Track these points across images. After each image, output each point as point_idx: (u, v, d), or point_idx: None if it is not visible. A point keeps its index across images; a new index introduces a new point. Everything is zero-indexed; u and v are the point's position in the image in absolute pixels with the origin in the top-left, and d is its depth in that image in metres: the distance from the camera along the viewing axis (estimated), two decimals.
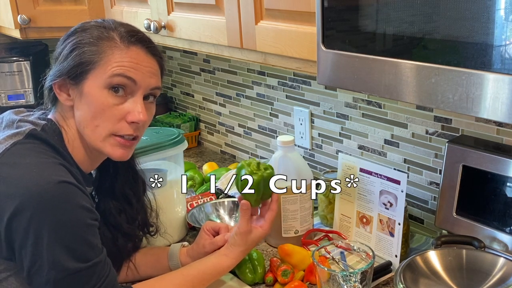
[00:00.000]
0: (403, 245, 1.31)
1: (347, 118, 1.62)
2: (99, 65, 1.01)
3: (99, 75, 1.01)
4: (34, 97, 2.37)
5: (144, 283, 1.14)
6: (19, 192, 0.90)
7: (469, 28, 0.78)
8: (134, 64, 1.02)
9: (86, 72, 1.01)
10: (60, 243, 0.92)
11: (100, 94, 1.01)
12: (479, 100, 0.79)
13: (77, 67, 1.01)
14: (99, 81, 1.01)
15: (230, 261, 1.20)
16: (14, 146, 0.95)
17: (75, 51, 1.02)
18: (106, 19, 1.09)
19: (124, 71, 1.01)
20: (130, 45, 1.03)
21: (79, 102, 1.03)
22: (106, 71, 1.00)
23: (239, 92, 2.04)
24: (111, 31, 1.04)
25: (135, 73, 1.02)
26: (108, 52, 1.01)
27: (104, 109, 1.01)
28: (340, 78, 1.01)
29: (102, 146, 1.04)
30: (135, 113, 1.02)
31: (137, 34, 1.05)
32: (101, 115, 1.01)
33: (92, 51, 1.01)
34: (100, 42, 1.02)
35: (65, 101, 1.04)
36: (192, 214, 1.52)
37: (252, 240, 1.20)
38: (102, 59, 1.01)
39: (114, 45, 1.02)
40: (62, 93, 1.04)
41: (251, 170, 1.19)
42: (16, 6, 1.93)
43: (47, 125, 1.03)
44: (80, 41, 1.02)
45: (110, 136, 1.03)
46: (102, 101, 1.01)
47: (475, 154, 1.22)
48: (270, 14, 1.24)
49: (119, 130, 1.03)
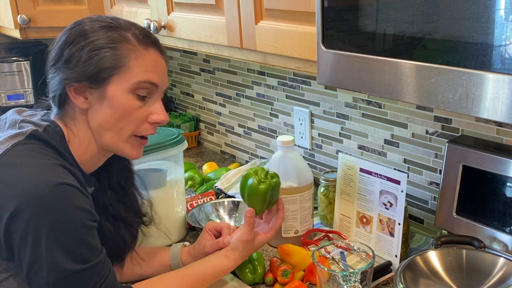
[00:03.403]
0: (403, 245, 1.31)
1: (347, 118, 1.62)
2: (123, 70, 1.01)
3: (124, 80, 1.01)
4: (34, 97, 2.37)
5: (144, 283, 1.14)
6: (18, 193, 0.90)
7: (469, 28, 0.78)
8: (154, 67, 1.05)
9: (109, 77, 1.01)
10: (59, 245, 0.91)
11: (125, 98, 1.02)
12: (479, 100, 0.79)
13: (99, 72, 1.00)
14: (123, 86, 1.02)
15: (230, 263, 1.20)
16: (15, 147, 0.95)
17: (95, 56, 1.00)
18: (109, 16, 1.08)
19: (149, 77, 1.03)
20: (147, 47, 1.04)
21: (99, 105, 1.02)
22: (131, 77, 1.02)
23: (239, 92, 2.04)
24: (124, 31, 1.03)
25: (156, 77, 1.05)
26: (130, 57, 1.01)
27: (130, 112, 1.03)
28: (340, 78, 1.01)
29: (123, 147, 1.06)
30: (158, 114, 1.06)
31: (150, 35, 1.07)
32: (126, 118, 1.03)
33: (115, 56, 1.00)
34: (119, 45, 1.01)
35: (81, 104, 1.03)
36: (192, 214, 1.52)
37: (254, 246, 1.21)
38: (126, 64, 1.01)
39: (133, 48, 1.02)
40: (79, 96, 1.03)
41: (259, 178, 1.20)
42: (16, 6, 1.93)
43: (49, 126, 1.02)
44: (98, 45, 1.00)
45: (132, 137, 1.06)
46: (128, 105, 1.02)
47: (475, 154, 1.22)
48: (270, 14, 1.24)
49: (142, 131, 1.06)
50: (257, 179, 1.20)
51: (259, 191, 1.19)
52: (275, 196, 1.22)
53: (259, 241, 1.21)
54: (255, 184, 1.19)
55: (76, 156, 1.04)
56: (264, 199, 1.20)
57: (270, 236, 1.22)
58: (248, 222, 1.19)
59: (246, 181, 1.22)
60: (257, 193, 1.20)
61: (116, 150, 1.08)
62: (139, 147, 1.09)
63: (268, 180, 1.20)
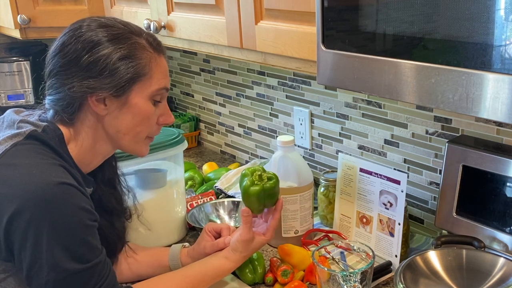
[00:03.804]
0: (403, 245, 1.31)
1: (347, 118, 1.62)
2: (145, 78, 1.05)
3: (145, 87, 1.05)
4: (34, 97, 2.37)
5: (144, 283, 1.14)
6: (19, 194, 0.90)
7: (469, 28, 0.78)
8: (167, 73, 1.10)
9: (132, 85, 1.04)
10: (59, 244, 0.92)
11: (146, 105, 1.06)
12: (479, 100, 0.79)
13: (126, 82, 1.02)
14: (145, 93, 1.05)
15: (230, 265, 1.20)
16: (14, 147, 0.95)
17: (120, 66, 1.01)
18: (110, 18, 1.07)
19: (165, 84, 1.09)
20: (159, 54, 1.09)
21: (119, 111, 1.05)
22: (152, 84, 1.06)
23: (239, 92, 2.04)
24: (137, 37, 1.05)
25: (169, 83, 1.12)
26: (151, 65, 1.05)
27: (149, 117, 1.08)
28: (340, 78, 1.01)
29: (137, 148, 1.12)
30: (168, 116, 1.12)
31: (160, 42, 1.11)
32: (146, 123, 1.08)
33: (138, 65, 1.03)
34: (139, 54, 1.04)
35: (101, 111, 1.04)
36: (192, 214, 1.52)
37: (254, 247, 1.21)
38: (148, 73, 1.05)
39: (151, 56, 1.06)
40: (100, 104, 1.03)
41: (253, 180, 1.20)
42: (16, 6, 1.93)
43: (48, 127, 1.02)
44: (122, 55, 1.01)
45: (146, 138, 1.12)
46: (148, 111, 1.07)
47: (475, 154, 1.22)
48: (270, 14, 1.24)
49: (153, 133, 1.12)
50: (251, 180, 1.20)
51: (251, 193, 1.20)
52: (272, 197, 1.22)
53: (258, 242, 1.21)
54: (247, 186, 1.20)
55: (76, 157, 1.04)
56: (258, 200, 1.20)
57: (269, 237, 1.22)
58: (245, 222, 1.19)
59: (242, 180, 1.23)
60: (249, 194, 1.20)
61: (129, 151, 1.13)
62: (148, 145, 1.14)
63: (262, 182, 1.20)
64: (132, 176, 1.37)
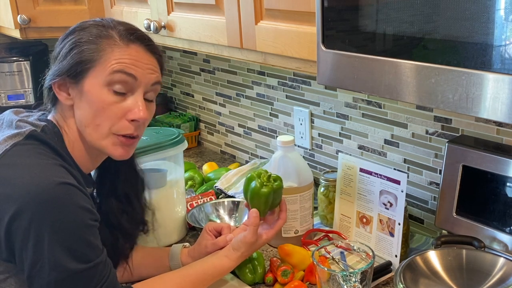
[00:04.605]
0: (403, 245, 1.31)
1: (347, 118, 1.62)
2: (99, 63, 1.01)
3: (99, 73, 1.01)
4: (34, 97, 2.37)
5: (144, 283, 1.14)
6: (20, 194, 0.90)
7: (469, 28, 0.78)
8: (134, 61, 1.02)
9: (85, 71, 1.01)
10: (61, 244, 0.91)
11: (100, 92, 1.01)
12: (479, 100, 0.79)
13: (77, 65, 1.01)
14: (99, 79, 1.01)
15: (230, 263, 1.20)
16: (14, 147, 0.95)
17: (74, 49, 1.01)
18: (105, 18, 1.09)
19: (123, 67, 1.01)
20: (129, 43, 1.03)
21: (79, 101, 1.03)
22: (106, 69, 1.00)
23: (239, 92, 2.04)
24: (110, 29, 1.03)
25: (135, 70, 1.02)
26: (107, 50, 1.01)
27: (105, 108, 1.01)
28: (340, 78, 1.01)
29: (103, 145, 1.04)
30: (135, 110, 1.02)
31: (136, 32, 1.05)
32: (102, 114, 1.01)
33: (91, 49, 1.01)
34: (99, 40, 1.02)
35: (65, 100, 1.04)
36: (192, 214, 1.52)
37: (255, 248, 1.21)
38: (102, 57, 1.00)
39: (114, 43, 1.02)
40: (62, 92, 1.04)
41: (262, 181, 1.21)
42: (16, 6, 1.93)
43: (47, 126, 1.02)
44: (79, 39, 1.02)
45: (111, 135, 1.03)
46: (103, 99, 1.01)
47: (475, 154, 1.22)
48: (270, 14, 1.24)
49: (120, 129, 1.03)
50: (260, 182, 1.20)
51: (261, 194, 1.20)
52: (277, 199, 1.23)
53: (261, 241, 1.21)
54: (257, 187, 1.20)
55: (74, 156, 1.05)
56: (267, 201, 1.20)
57: (271, 236, 1.22)
58: (253, 224, 1.18)
59: (249, 184, 1.23)
60: (259, 196, 1.20)
61: (98, 148, 1.05)
62: (122, 146, 1.05)
63: (271, 183, 1.21)
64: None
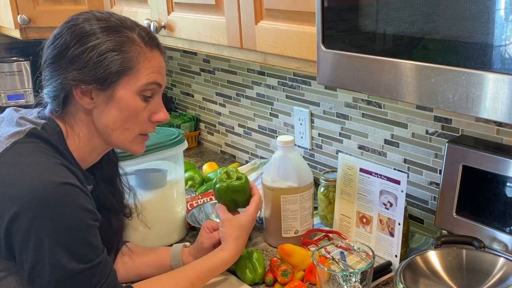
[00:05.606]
0: (403, 245, 1.31)
1: (347, 118, 1.62)
2: (132, 72, 1.02)
3: (132, 82, 1.02)
4: (34, 97, 2.37)
5: (144, 282, 1.14)
6: (20, 194, 0.90)
7: (469, 28, 0.78)
8: (159, 68, 1.07)
9: (118, 79, 1.02)
10: (61, 245, 0.91)
11: (134, 100, 1.04)
12: (479, 100, 0.79)
13: (110, 75, 1.00)
14: (132, 88, 1.03)
15: (226, 253, 1.21)
16: (15, 145, 0.95)
17: (105, 59, 0.99)
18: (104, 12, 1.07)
19: (155, 79, 1.05)
20: (152, 49, 1.06)
21: (106, 106, 1.03)
22: (140, 79, 1.03)
23: (239, 92, 2.04)
24: (129, 31, 1.03)
25: (161, 78, 1.07)
26: (139, 59, 1.03)
27: (137, 113, 1.05)
28: (340, 78, 1.01)
29: (129, 145, 1.09)
30: (161, 114, 1.09)
31: (154, 37, 1.09)
32: (134, 119, 1.05)
33: (124, 59, 1.01)
34: (127, 48, 1.01)
35: (87, 105, 1.03)
36: (192, 214, 1.52)
37: (240, 225, 1.24)
38: (135, 66, 1.02)
39: (141, 50, 1.03)
40: (85, 97, 1.02)
41: (221, 178, 1.30)
42: (16, 6, 1.93)
43: (47, 124, 1.02)
44: (107, 48, 1.00)
45: (138, 136, 1.09)
46: (136, 106, 1.04)
47: (475, 154, 1.22)
48: (270, 14, 1.24)
49: (146, 130, 1.09)
50: (219, 178, 1.30)
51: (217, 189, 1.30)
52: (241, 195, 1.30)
53: (241, 218, 1.26)
54: (214, 183, 1.31)
55: (75, 153, 1.04)
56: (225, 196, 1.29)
57: (252, 212, 1.27)
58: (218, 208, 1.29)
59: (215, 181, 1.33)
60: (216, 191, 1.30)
61: (122, 147, 1.11)
62: (142, 143, 1.12)
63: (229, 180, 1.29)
64: (132, 176, 1.37)
